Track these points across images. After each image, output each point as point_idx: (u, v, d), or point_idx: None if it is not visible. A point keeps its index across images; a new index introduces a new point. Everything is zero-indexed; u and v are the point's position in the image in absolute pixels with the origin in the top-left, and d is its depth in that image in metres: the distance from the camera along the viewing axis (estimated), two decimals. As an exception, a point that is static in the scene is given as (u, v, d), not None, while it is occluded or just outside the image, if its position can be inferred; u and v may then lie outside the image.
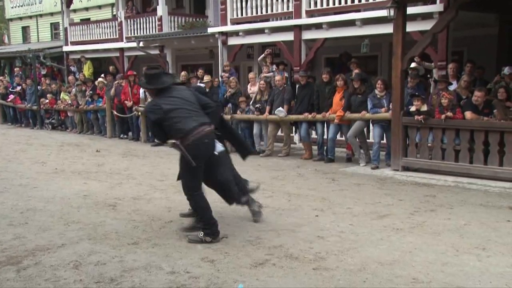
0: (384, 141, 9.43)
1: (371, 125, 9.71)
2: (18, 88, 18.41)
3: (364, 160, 9.60)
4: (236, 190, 5.57)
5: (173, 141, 4.94)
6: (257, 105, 11.06)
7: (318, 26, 12.11)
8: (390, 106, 8.98)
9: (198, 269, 4.41)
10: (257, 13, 13.51)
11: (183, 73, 13.62)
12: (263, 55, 12.75)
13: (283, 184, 8.11)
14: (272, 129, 10.94)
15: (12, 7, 30.54)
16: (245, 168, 9.51)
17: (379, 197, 7.06)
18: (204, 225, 5.09)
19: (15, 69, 20.77)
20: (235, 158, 6.10)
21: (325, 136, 10.26)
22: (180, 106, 4.95)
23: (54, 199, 7.00)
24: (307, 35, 12.40)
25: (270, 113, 10.87)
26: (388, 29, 9.61)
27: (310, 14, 12.35)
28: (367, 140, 9.90)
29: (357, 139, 9.74)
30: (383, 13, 9.21)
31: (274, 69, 12.11)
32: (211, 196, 5.52)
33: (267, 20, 13.27)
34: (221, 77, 12.85)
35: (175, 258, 4.66)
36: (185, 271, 4.34)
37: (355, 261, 4.53)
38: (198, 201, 5.12)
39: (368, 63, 13.68)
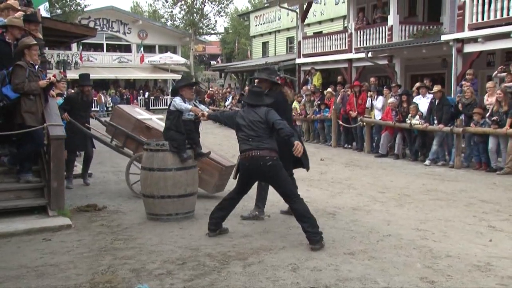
0: None
1: None
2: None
3: None
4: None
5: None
6: (494, 118, 9.98)
7: None
8: None
9: (415, 289, 4.14)
10: (502, 15, 12.22)
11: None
12: (496, 71, 11.56)
13: (524, 207, 7.13)
14: (513, 144, 9.74)
15: (256, 25, 33.80)
16: (477, 186, 8.73)
17: None
18: None
19: (255, 81, 22.88)
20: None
21: None
22: (244, 127, 5.57)
23: (279, 203, 7.35)
24: None
25: (511, 126, 9.70)
26: None
27: None
28: None
29: None
30: None
31: (519, 78, 10.78)
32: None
33: (515, 23, 11.92)
34: (460, 86, 12.00)
35: (391, 274, 4.46)
36: (401, 290, 4.12)
37: None
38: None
39: None
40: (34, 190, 6.67)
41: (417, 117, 11.46)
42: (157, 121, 8.37)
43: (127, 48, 37.38)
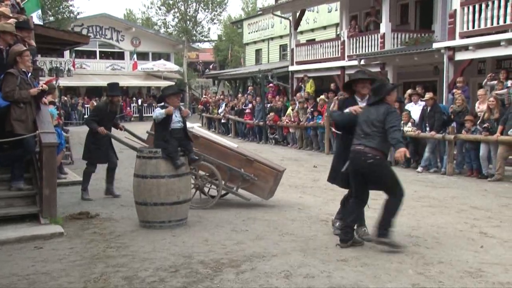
0: None
1: None
2: (250, 105, 20.22)
3: None
4: None
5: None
6: (485, 125, 10.06)
7: None
8: None
9: (408, 296, 4.15)
10: (492, 24, 12.36)
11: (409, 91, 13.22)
12: (485, 79, 11.70)
13: (514, 213, 7.17)
14: (504, 151, 9.81)
15: (249, 33, 33.89)
16: (469, 192, 8.77)
17: None
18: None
19: (249, 88, 22.93)
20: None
21: None
22: (362, 123, 5.48)
23: (272, 210, 7.40)
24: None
25: (501, 133, 9.78)
26: None
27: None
28: None
29: None
30: None
31: (509, 85, 10.88)
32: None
33: (504, 32, 12.03)
34: (452, 94, 12.11)
35: (383, 281, 4.47)
36: (394, 297, 4.13)
37: None
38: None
39: None
40: (25, 198, 6.61)
41: (409, 124, 11.52)
42: (200, 129, 8.25)
43: (120, 56, 37.33)
